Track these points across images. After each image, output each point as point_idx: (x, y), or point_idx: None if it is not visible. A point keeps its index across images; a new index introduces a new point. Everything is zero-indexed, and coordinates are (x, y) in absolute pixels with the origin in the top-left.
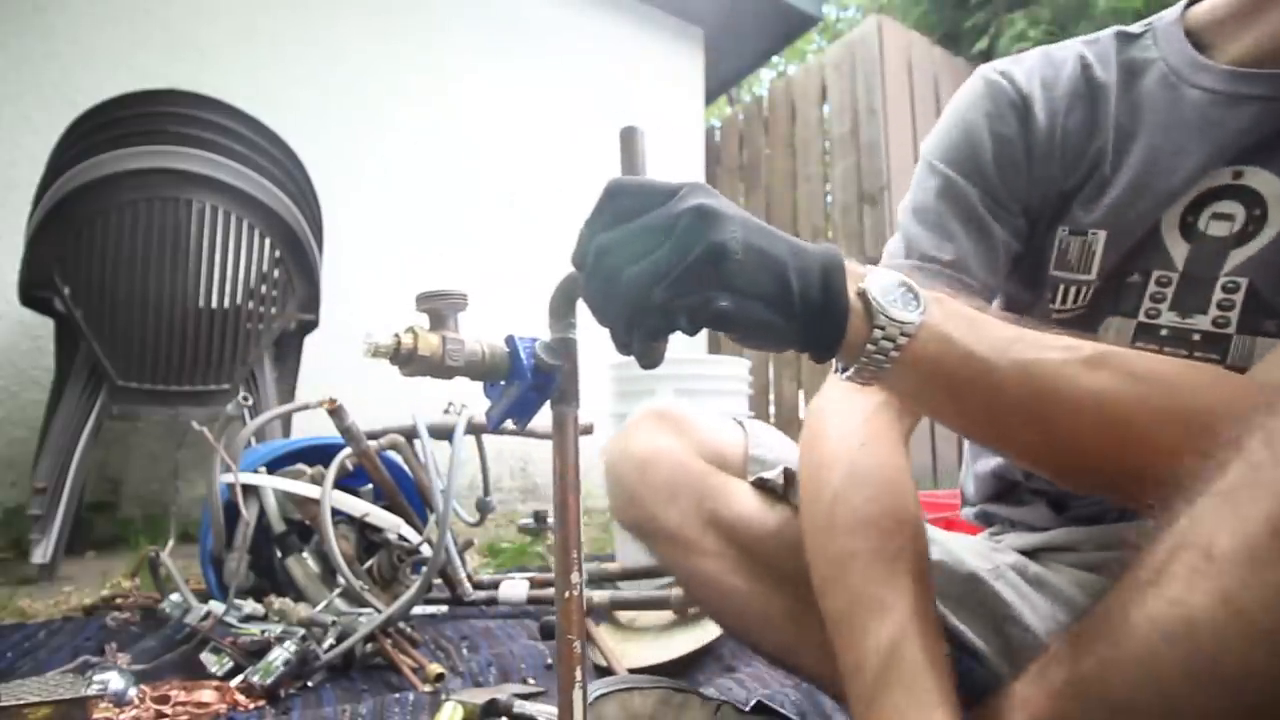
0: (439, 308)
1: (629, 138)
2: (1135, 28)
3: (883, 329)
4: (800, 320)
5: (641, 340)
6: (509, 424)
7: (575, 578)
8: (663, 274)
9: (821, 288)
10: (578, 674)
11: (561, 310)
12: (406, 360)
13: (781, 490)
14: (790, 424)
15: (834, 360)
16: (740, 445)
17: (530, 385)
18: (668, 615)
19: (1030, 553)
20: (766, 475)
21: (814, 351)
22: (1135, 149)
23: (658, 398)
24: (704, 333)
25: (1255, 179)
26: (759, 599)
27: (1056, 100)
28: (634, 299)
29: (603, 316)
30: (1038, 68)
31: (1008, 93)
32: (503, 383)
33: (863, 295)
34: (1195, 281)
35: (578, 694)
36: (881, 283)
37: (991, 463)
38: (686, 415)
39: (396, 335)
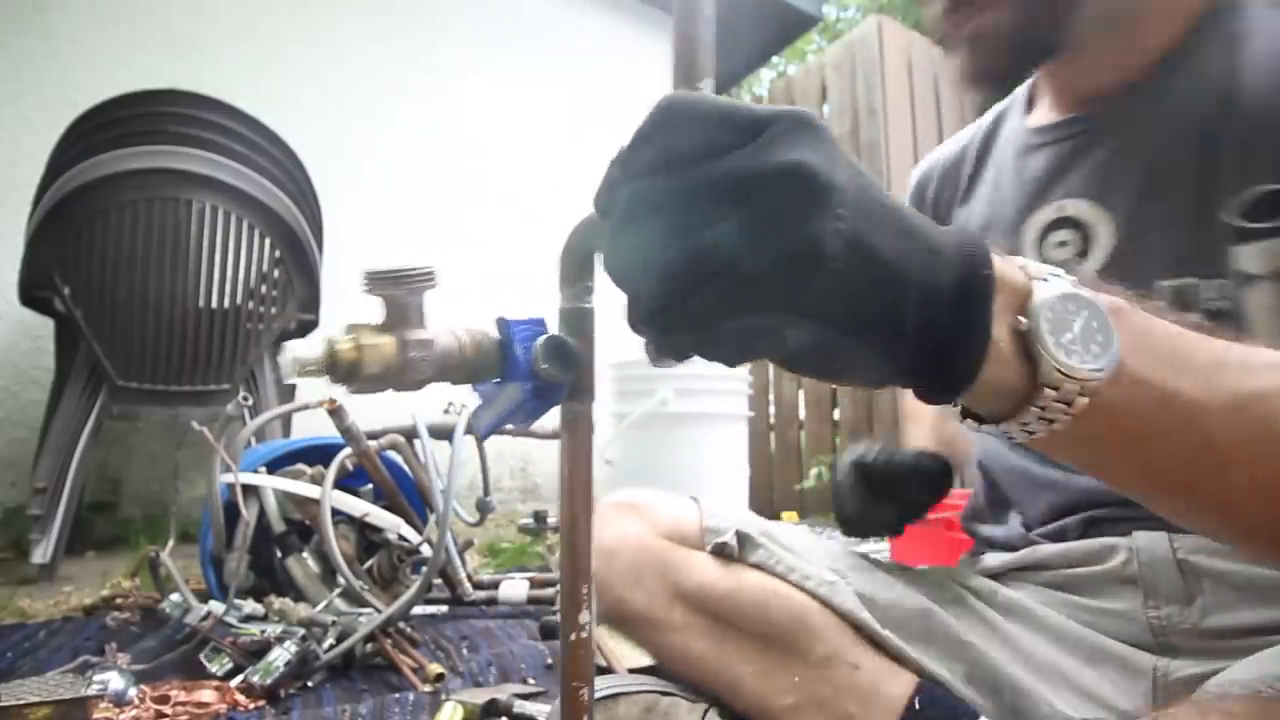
0: (396, 295)
1: (686, 21)
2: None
3: (1055, 388)
4: (909, 362)
5: (661, 353)
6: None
7: (584, 617)
8: (716, 273)
9: (953, 314)
10: None
11: (573, 273)
12: (348, 376)
13: (736, 553)
14: (790, 424)
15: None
16: (696, 519)
17: (529, 391)
18: None
19: (1002, 574)
20: (720, 540)
21: (923, 393)
22: (979, 199)
23: (657, 397)
24: None
25: (1075, 209)
26: (728, 663)
27: (940, 174)
28: (664, 299)
29: (623, 286)
30: (946, 146)
31: (917, 180)
32: (498, 381)
33: (1022, 333)
34: None
35: None
36: (1052, 307)
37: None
38: (646, 501)
39: (330, 344)
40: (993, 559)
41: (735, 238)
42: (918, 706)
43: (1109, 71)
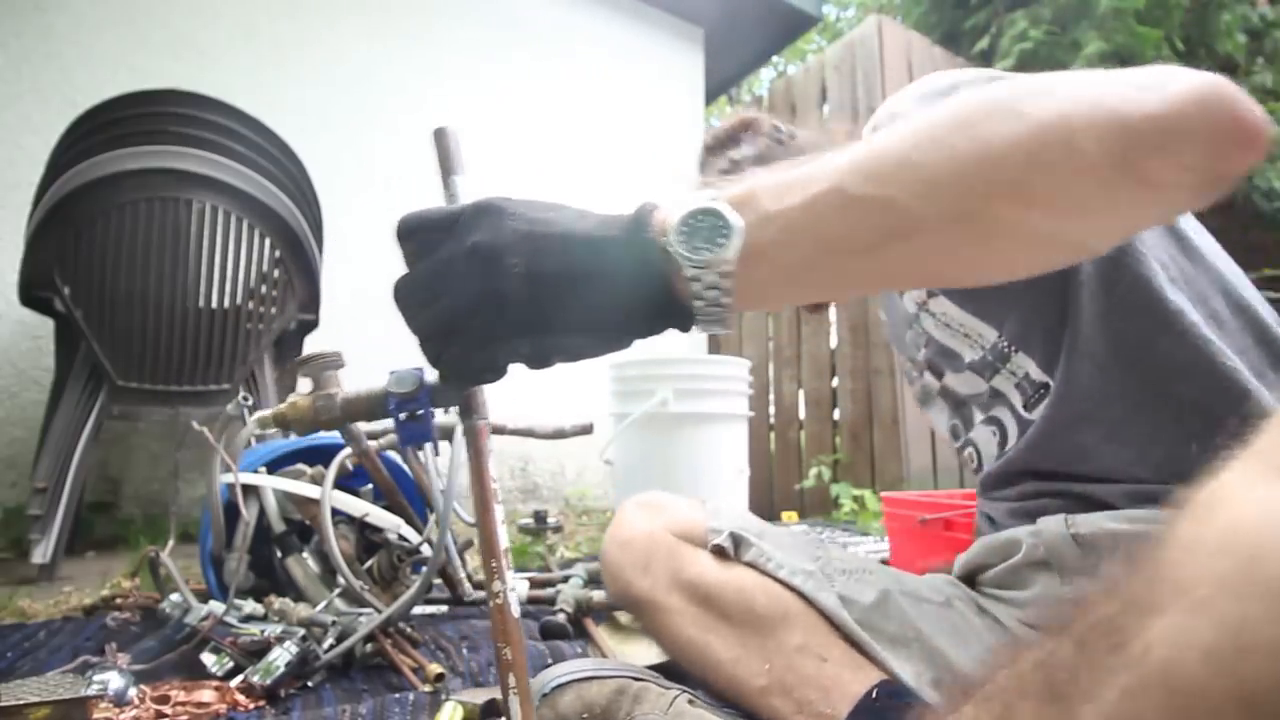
0: (312, 371)
1: (440, 140)
2: None
3: (698, 280)
4: (625, 324)
5: (454, 387)
6: (507, 424)
7: (498, 585)
8: (446, 330)
9: (636, 277)
10: (512, 680)
11: None
12: (286, 425)
13: (732, 552)
14: (790, 424)
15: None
16: (702, 521)
17: (402, 417)
18: None
19: (968, 575)
20: (718, 542)
21: (669, 329)
22: None
23: (657, 397)
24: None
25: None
26: (710, 647)
27: None
28: (429, 351)
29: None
30: None
31: None
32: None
33: (665, 252)
34: None
35: (514, 700)
36: (684, 223)
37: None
38: (662, 502)
39: (275, 408)
40: (959, 563)
41: (449, 308)
42: (875, 697)
43: None
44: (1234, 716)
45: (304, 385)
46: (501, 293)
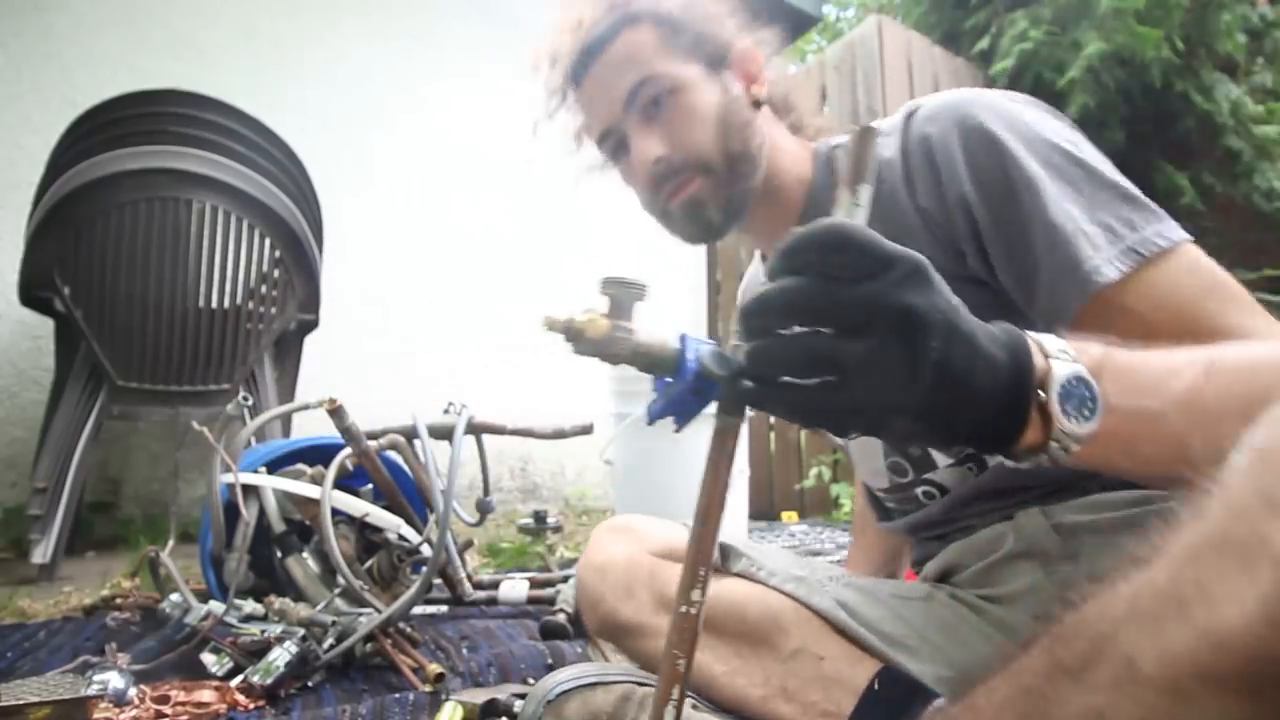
0: (617, 295)
1: (864, 141)
2: None
3: (1059, 442)
4: (965, 437)
5: (772, 407)
6: (507, 424)
7: (696, 595)
8: (816, 366)
9: (1007, 412)
10: (674, 692)
11: None
12: (575, 339)
13: (720, 563)
14: (789, 425)
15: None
16: (683, 538)
17: (689, 388)
18: None
19: (940, 577)
20: None
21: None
22: None
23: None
24: (702, 325)
25: None
26: (704, 663)
27: None
28: (774, 368)
29: (750, 342)
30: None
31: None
32: (668, 380)
33: (1042, 407)
34: None
35: (669, 711)
36: (1062, 386)
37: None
38: (635, 524)
39: (571, 315)
40: (929, 567)
41: (846, 351)
42: (876, 687)
43: (776, 234)
44: None
45: (600, 304)
46: (911, 369)
